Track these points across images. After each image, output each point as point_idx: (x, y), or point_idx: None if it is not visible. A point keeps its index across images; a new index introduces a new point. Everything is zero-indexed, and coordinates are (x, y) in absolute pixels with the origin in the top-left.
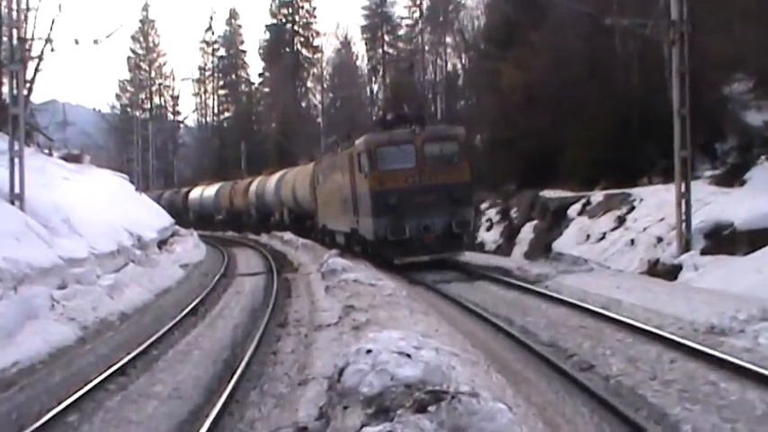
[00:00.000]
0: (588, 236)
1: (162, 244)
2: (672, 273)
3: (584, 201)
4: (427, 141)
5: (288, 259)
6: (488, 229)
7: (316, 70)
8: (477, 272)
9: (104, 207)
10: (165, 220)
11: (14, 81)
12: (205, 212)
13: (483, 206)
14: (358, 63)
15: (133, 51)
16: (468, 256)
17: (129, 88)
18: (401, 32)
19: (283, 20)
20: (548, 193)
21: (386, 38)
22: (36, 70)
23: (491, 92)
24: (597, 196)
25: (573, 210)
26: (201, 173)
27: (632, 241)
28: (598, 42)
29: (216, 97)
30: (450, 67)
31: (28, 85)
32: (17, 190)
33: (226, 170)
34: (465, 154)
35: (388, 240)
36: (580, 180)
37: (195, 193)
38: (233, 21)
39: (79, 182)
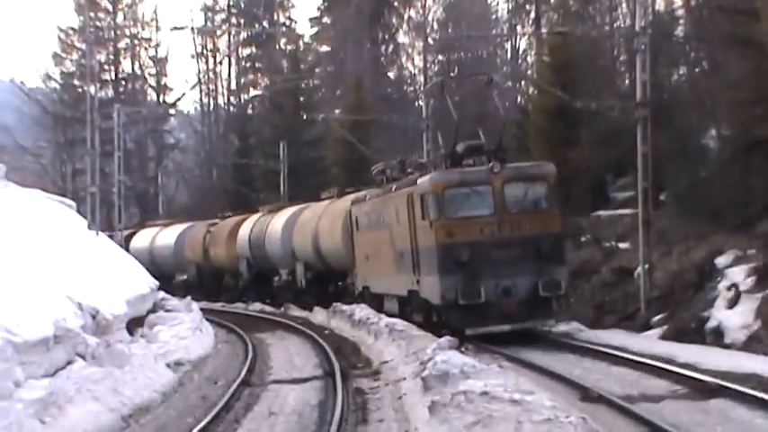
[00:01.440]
0: None
1: (136, 324)
2: None
3: None
4: (509, 182)
5: (362, 354)
6: (731, 303)
7: (414, 13)
8: (712, 383)
9: (31, 258)
10: (143, 282)
11: None
12: (159, 270)
13: (720, 261)
14: (489, 0)
15: None
16: (695, 354)
17: (77, 44)
18: None
19: None
20: None
21: None
22: None
23: (738, 50)
24: None
25: None
26: (208, 198)
27: None
28: None
29: (234, 62)
30: (659, 5)
31: None
32: None
33: (252, 193)
34: (555, 198)
35: (459, 305)
36: None
37: (142, 240)
38: None
39: None
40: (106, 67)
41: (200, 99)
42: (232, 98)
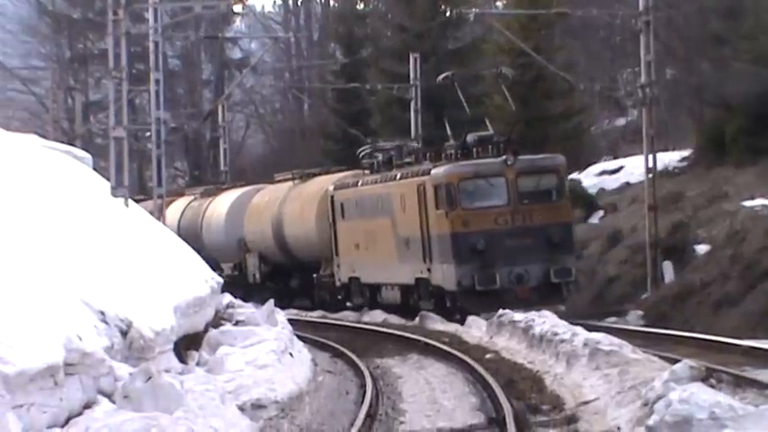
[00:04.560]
0: None
1: (190, 345)
2: None
3: None
4: (522, 174)
5: (547, 390)
6: None
7: None
8: None
9: (27, 243)
10: (200, 278)
11: None
12: None
13: None
14: None
15: None
16: None
17: None
18: None
19: None
20: None
21: None
22: None
23: None
24: None
25: None
26: (297, 144)
27: None
28: None
29: None
30: None
31: None
32: None
33: (366, 137)
34: (565, 190)
35: (475, 291)
36: None
37: None
38: None
39: None
40: None
41: None
42: None
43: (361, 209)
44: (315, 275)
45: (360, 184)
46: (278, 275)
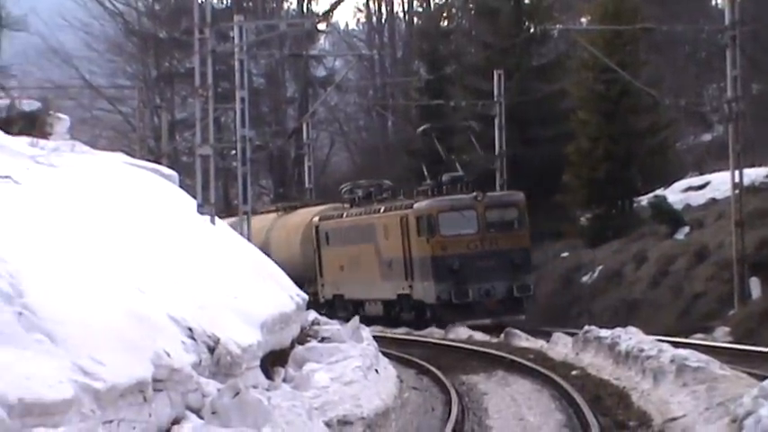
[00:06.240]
0: None
1: (276, 362)
2: None
3: None
4: (489, 208)
5: (633, 406)
6: None
7: None
8: None
9: (114, 260)
10: (285, 295)
11: None
12: None
13: None
14: None
15: None
16: None
17: None
18: None
19: None
20: None
21: None
22: None
23: None
24: None
25: None
26: (382, 161)
27: None
28: None
29: None
30: None
31: None
32: None
33: (460, 154)
34: (525, 220)
35: (452, 304)
36: None
37: None
38: None
39: (44, 192)
40: None
41: (367, 6)
42: (416, 3)
43: (345, 236)
44: None
45: (344, 215)
46: None
